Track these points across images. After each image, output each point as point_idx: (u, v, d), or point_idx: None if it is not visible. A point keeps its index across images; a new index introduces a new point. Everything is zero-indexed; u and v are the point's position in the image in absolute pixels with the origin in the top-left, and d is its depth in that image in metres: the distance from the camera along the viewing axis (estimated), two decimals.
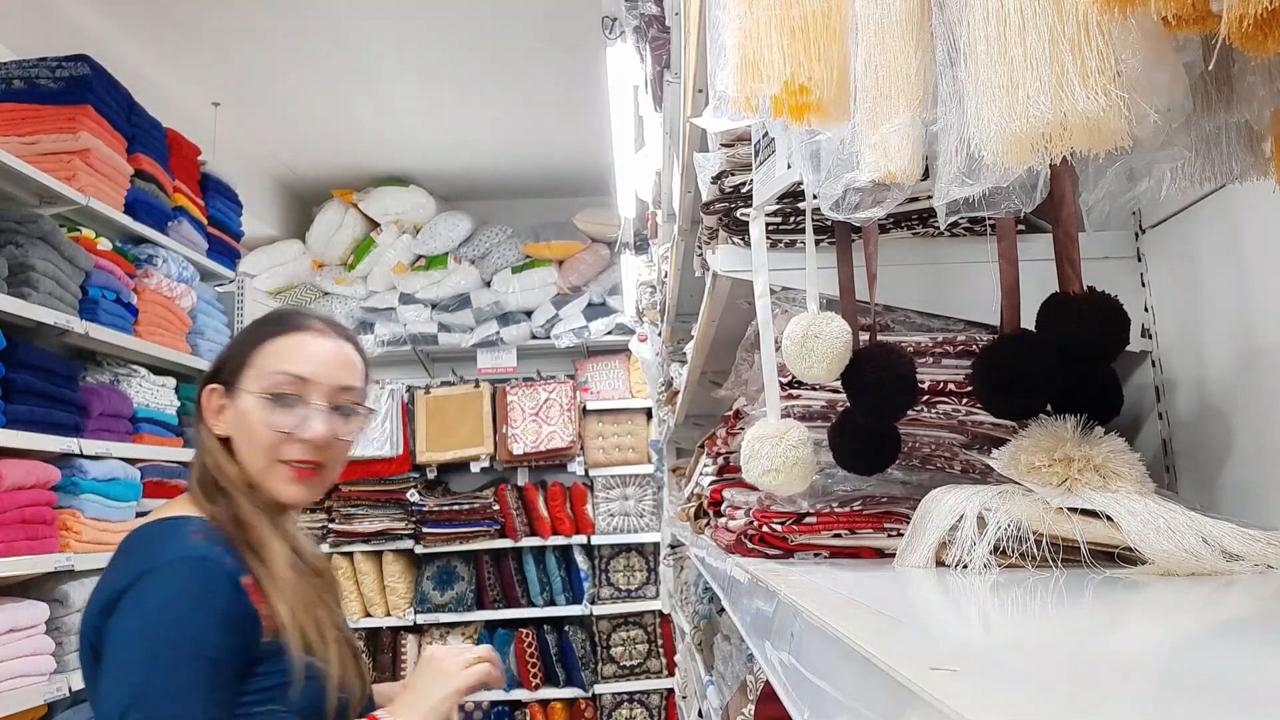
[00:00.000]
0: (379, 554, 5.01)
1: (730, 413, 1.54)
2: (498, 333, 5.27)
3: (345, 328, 1.38)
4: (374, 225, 5.24)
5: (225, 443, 1.27)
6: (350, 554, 4.97)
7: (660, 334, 3.31)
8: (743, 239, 1.26)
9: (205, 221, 3.60)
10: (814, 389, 1.13)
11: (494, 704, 4.95)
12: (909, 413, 1.04)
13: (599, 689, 4.99)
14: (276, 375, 1.25)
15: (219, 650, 1.08)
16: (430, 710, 1.21)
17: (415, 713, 1.20)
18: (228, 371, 1.28)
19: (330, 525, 4.95)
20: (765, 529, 1.06)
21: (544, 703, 4.97)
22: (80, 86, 2.93)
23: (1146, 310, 1.17)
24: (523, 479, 5.19)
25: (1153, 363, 1.16)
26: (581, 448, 5.18)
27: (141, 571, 1.10)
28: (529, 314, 5.33)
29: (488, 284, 5.30)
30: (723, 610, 2.50)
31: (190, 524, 1.18)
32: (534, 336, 5.32)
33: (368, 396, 1.36)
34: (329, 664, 1.18)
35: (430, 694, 1.22)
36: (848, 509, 1.05)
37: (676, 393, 3.04)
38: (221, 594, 1.11)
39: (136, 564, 1.12)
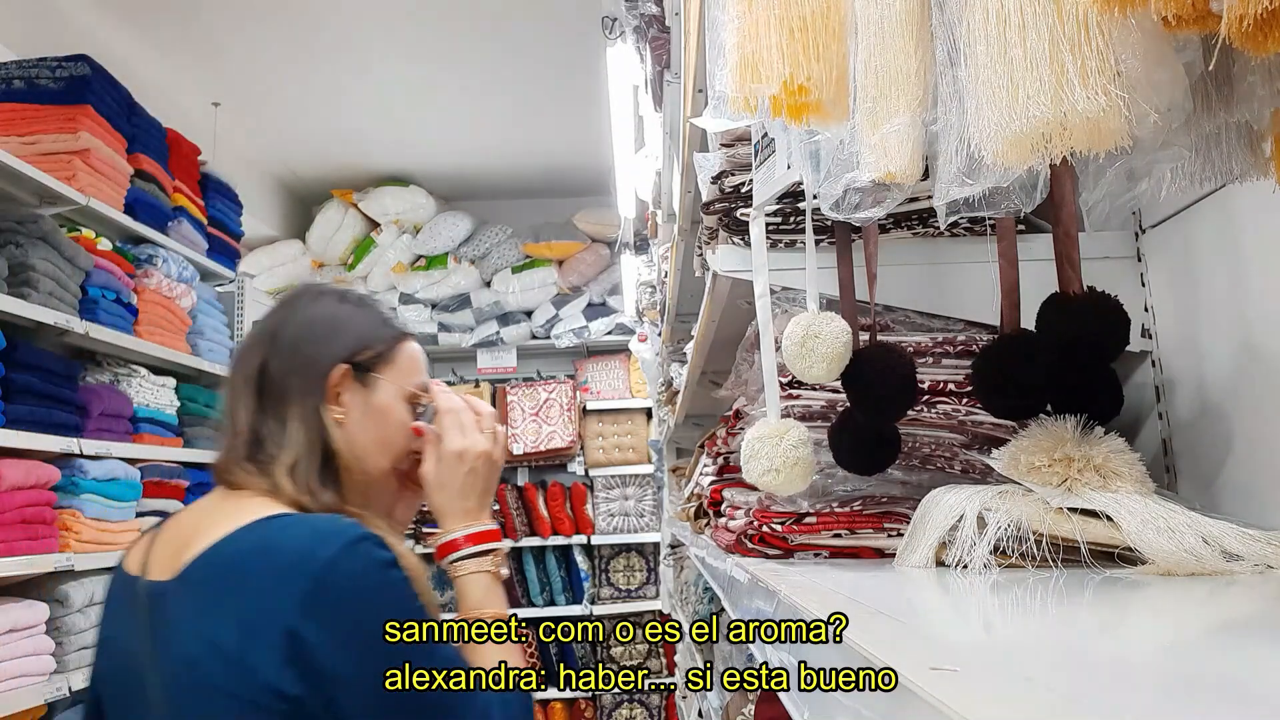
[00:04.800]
0: None
1: (730, 413, 1.54)
2: (498, 333, 5.27)
3: None
4: (374, 225, 5.24)
5: None
6: None
7: (660, 334, 3.30)
8: (743, 239, 1.26)
9: (205, 221, 3.60)
10: (814, 389, 1.13)
11: None
12: (909, 413, 1.04)
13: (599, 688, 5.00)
14: (415, 382, 1.14)
15: None
16: (480, 496, 1.11)
17: (463, 510, 1.09)
18: (369, 357, 1.11)
19: None
20: (765, 529, 1.06)
21: (544, 703, 4.97)
22: (80, 86, 2.93)
23: (1146, 310, 1.17)
24: (522, 479, 5.19)
25: (1153, 363, 1.16)
26: (581, 448, 5.18)
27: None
28: (529, 314, 5.33)
29: (488, 284, 5.30)
30: (723, 610, 2.50)
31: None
32: (534, 336, 5.32)
33: None
34: None
35: (467, 483, 1.09)
36: (848, 509, 1.05)
37: (676, 393, 3.04)
38: None
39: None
